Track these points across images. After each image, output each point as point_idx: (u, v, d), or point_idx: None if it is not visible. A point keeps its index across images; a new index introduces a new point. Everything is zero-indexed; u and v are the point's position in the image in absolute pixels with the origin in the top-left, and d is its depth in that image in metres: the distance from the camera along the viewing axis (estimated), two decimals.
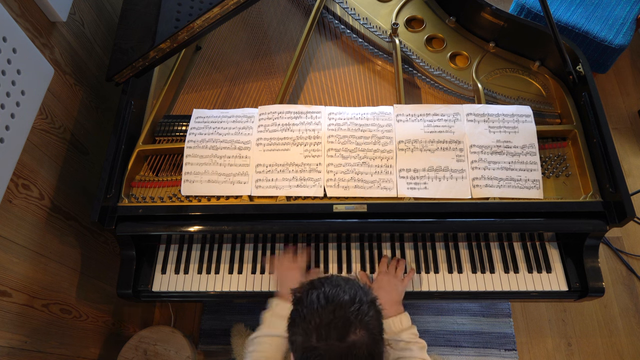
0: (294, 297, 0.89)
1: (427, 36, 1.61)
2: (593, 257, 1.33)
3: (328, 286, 0.85)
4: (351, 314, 0.80)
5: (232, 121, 1.40)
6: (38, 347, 1.31)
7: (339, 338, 0.79)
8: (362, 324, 0.81)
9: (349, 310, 0.81)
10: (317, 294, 0.84)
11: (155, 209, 1.32)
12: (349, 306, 0.81)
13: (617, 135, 2.45)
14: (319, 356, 0.80)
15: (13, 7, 1.16)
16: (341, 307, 0.81)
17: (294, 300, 0.89)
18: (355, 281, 0.89)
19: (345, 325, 0.79)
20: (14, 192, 1.19)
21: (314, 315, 0.82)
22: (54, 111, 1.35)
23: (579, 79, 1.41)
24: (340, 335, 0.79)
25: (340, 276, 0.90)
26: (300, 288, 0.90)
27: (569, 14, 2.12)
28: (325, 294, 0.83)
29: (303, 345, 0.82)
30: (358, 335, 0.80)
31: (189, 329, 2.08)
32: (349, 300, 0.82)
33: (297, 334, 0.84)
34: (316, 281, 0.89)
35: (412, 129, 1.37)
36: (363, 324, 0.81)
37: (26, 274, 1.25)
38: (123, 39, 1.43)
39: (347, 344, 0.79)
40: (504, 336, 2.01)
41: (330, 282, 0.87)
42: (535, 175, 1.32)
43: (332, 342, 0.79)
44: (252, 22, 1.68)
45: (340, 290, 0.84)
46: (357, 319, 0.80)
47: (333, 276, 0.89)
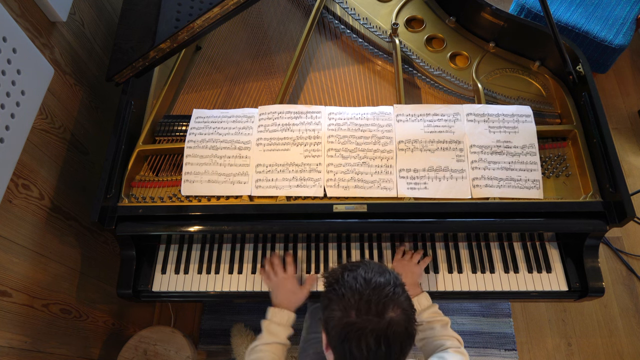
0: (327, 280, 0.93)
1: (427, 36, 1.61)
2: (593, 257, 1.33)
3: (363, 269, 0.89)
4: (387, 294, 0.85)
5: (232, 121, 1.40)
6: (38, 347, 1.31)
7: (378, 314, 0.83)
8: (398, 303, 0.85)
9: (385, 290, 0.85)
10: (354, 276, 0.88)
11: (155, 209, 1.32)
12: (385, 287, 0.85)
13: (617, 135, 2.45)
14: (359, 330, 0.82)
15: (13, 7, 1.16)
16: (378, 287, 0.85)
17: (329, 281, 0.92)
18: (385, 266, 0.93)
19: (384, 303, 0.83)
20: (14, 192, 1.19)
21: (353, 293, 0.85)
22: (54, 111, 1.35)
23: (579, 79, 1.41)
24: (379, 312, 0.83)
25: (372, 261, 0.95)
26: (332, 271, 0.93)
27: (569, 14, 2.12)
28: (362, 275, 0.87)
29: (342, 321, 0.85)
30: (396, 313, 0.84)
31: (189, 329, 2.08)
32: (385, 282, 0.86)
33: (335, 311, 0.86)
34: (349, 264, 0.93)
35: (412, 129, 1.37)
36: (399, 303, 0.85)
37: (26, 274, 1.25)
38: (123, 39, 1.43)
39: (386, 320, 0.83)
40: (504, 336, 2.01)
41: (365, 265, 0.91)
42: (535, 175, 1.32)
43: (372, 317, 0.83)
44: (252, 22, 1.68)
45: (375, 273, 0.88)
46: (394, 298, 0.85)
47: (365, 261, 0.93)
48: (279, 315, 1.24)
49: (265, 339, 1.21)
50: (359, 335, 0.82)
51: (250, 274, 1.40)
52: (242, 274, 1.40)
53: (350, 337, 0.83)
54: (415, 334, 0.88)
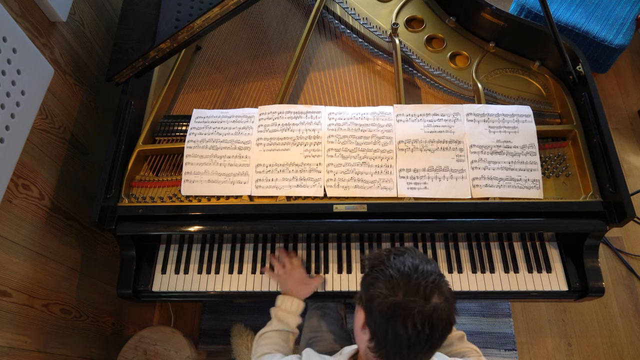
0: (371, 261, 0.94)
1: (427, 36, 1.61)
2: (593, 257, 1.33)
3: (409, 255, 0.91)
4: (434, 280, 0.87)
5: (232, 121, 1.40)
6: (38, 347, 1.31)
7: (425, 298, 0.84)
8: (442, 291, 0.87)
9: (431, 277, 0.87)
10: (402, 260, 0.90)
11: (155, 209, 1.32)
12: (431, 274, 0.88)
13: (617, 135, 2.45)
14: (406, 310, 0.84)
15: (13, 7, 1.16)
16: (425, 273, 0.87)
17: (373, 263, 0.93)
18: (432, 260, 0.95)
19: (430, 289, 0.85)
20: (14, 192, 1.19)
21: (401, 275, 0.87)
22: (54, 111, 1.35)
23: (579, 79, 1.41)
24: (426, 296, 0.84)
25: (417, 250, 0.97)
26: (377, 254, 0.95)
27: (569, 14, 2.12)
28: (410, 261, 0.89)
29: (388, 299, 0.86)
30: (440, 300, 0.85)
31: (189, 329, 2.08)
32: (431, 270, 0.89)
33: (382, 289, 0.87)
34: (394, 249, 0.95)
35: (412, 129, 1.37)
36: (443, 291, 0.87)
37: (26, 274, 1.25)
38: (123, 39, 1.43)
39: (432, 305, 0.84)
40: (504, 336, 2.01)
41: (411, 252, 0.93)
42: (535, 175, 1.32)
43: (419, 299, 0.84)
44: (252, 22, 1.68)
45: (422, 261, 0.90)
46: (439, 285, 0.87)
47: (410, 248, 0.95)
48: (288, 302, 1.25)
49: (274, 325, 1.23)
50: (406, 315, 0.84)
51: (250, 274, 1.40)
52: (242, 274, 1.40)
53: (397, 316, 0.84)
54: (455, 323, 0.90)
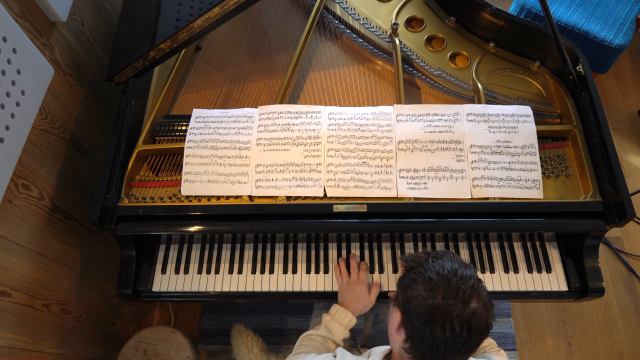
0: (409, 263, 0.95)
1: (427, 36, 1.61)
2: (593, 257, 1.33)
3: (448, 259, 0.92)
4: (473, 284, 0.88)
5: (232, 121, 1.40)
6: (38, 347, 1.31)
7: (463, 301, 0.85)
8: (480, 296, 0.88)
9: (470, 282, 0.88)
10: (441, 263, 0.91)
11: (155, 209, 1.32)
12: (470, 279, 0.89)
13: (617, 135, 2.45)
14: (445, 313, 0.85)
15: (13, 7, 1.16)
16: (464, 277, 0.88)
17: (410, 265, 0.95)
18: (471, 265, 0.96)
19: (469, 293, 0.86)
20: (14, 192, 1.19)
21: (441, 278, 0.88)
22: (54, 111, 1.35)
23: (579, 79, 1.41)
24: (465, 300, 0.85)
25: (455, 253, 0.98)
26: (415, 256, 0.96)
27: (569, 14, 2.12)
28: (449, 264, 0.90)
29: (427, 302, 0.87)
30: (478, 305, 0.86)
31: (189, 329, 2.08)
32: (470, 274, 0.90)
33: (420, 291, 0.88)
34: (433, 252, 0.96)
35: (412, 129, 1.37)
36: (482, 296, 0.88)
37: (26, 274, 1.25)
38: (123, 39, 1.43)
39: (470, 309, 0.85)
40: (504, 336, 2.01)
41: (449, 256, 0.94)
42: (535, 175, 1.32)
43: (458, 303, 0.85)
44: (252, 22, 1.68)
45: (460, 265, 0.91)
46: (478, 290, 0.88)
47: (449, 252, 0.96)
48: (342, 314, 1.24)
49: (322, 331, 1.23)
50: (445, 318, 0.84)
51: (250, 274, 1.40)
52: (242, 274, 1.40)
53: (435, 318, 0.85)
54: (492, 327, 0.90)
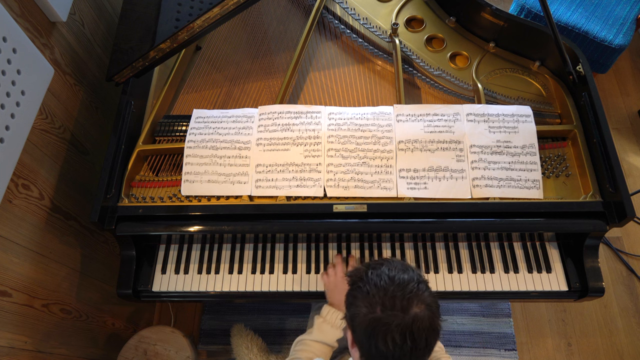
0: (352, 278, 0.94)
1: (427, 36, 1.61)
2: (593, 257, 1.33)
3: (386, 267, 0.91)
4: (411, 291, 0.86)
5: (232, 121, 1.40)
6: (38, 347, 1.31)
7: (402, 309, 0.84)
8: (422, 300, 0.86)
9: (409, 287, 0.87)
10: (378, 273, 0.90)
11: (155, 209, 1.32)
12: (408, 283, 0.87)
13: (617, 135, 2.45)
14: (385, 325, 0.84)
15: (13, 7, 1.16)
16: (402, 283, 0.87)
17: (353, 280, 0.94)
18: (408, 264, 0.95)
19: (408, 299, 0.85)
20: (14, 192, 1.19)
21: (378, 290, 0.87)
22: (54, 111, 1.35)
23: (579, 79, 1.41)
24: (403, 307, 0.84)
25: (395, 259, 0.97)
26: (356, 270, 0.95)
27: (569, 14, 2.12)
28: (386, 273, 0.89)
29: (368, 317, 0.86)
30: (420, 309, 0.85)
31: (189, 329, 2.08)
32: (408, 278, 0.88)
33: (361, 307, 0.88)
34: (373, 263, 0.94)
35: (412, 129, 1.37)
36: (423, 299, 0.86)
37: (26, 274, 1.25)
38: (123, 39, 1.43)
39: (411, 315, 0.84)
40: (504, 336, 2.01)
41: (388, 263, 0.93)
42: (535, 175, 1.32)
43: (397, 312, 0.84)
44: (252, 22, 1.68)
45: (398, 271, 0.90)
46: (417, 294, 0.86)
47: (388, 259, 0.96)
48: (333, 315, 1.23)
49: (315, 335, 1.21)
50: (385, 330, 0.84)
51: (250, 274, 1.40)
52: (242, 274, 1.40)
53: (377, 333, 0.84)
54: (440, 329, 0.89)
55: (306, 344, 1.20)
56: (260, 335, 1.75)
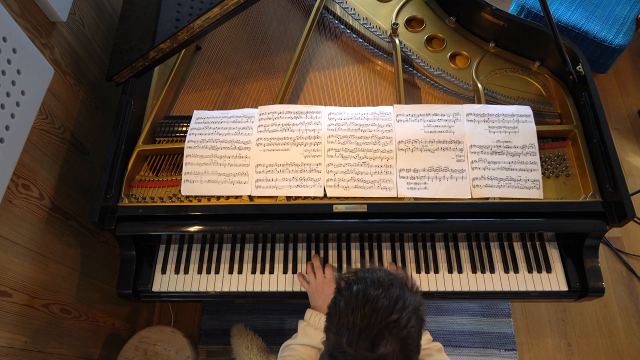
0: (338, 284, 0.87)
1: (427, 36, 1.61)
2: (593, 257, 1.33)
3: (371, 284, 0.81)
4: (387, 324, 0.77)
5: (232, 121, 1.40)
6: (38, 347, 1.31)
7: (368, 348, 0.76)
8: (396, 337, 0.77)
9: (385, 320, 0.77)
10: (358, 289, 0.81)
11: (155, 209, 1.32)
12: (386, 314, 0.77)
13: (617, 135, 2.45)
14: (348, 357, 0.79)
15: (13, 7, 1.16)
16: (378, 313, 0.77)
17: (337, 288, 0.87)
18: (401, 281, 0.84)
19: (377, 336, 0.76)
20: (14, 192, 1.19)
21: (349, 315, 0.79)
22: (54, 111, 1.35)
23: (579, 79, 1.41)
24: (370, 346, 0.76)
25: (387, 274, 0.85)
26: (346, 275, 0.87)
27: (569, 14, 2.12)
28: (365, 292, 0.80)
29: (334, 344, 0.81)
30: (388, 349, 0.76)
31: (189, 329, 2.08)
32: (387, 306, 0.78)
33: (331, 332, 0.82)
34: (361, 273, 0.85)
35: (412, 129, 1.37)
36: (397, 337, 0.77)
37: (26, 274, 1.25)
38: (123, 39, 1.43)
39: (376, 355, 0.76)
40: (504, 336, 2.01)
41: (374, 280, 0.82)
42: (535, 175, 1.32)
43: (361, 350, 0.77)
44: (252, 22, 1.68)
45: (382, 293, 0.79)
46: (392, 330, 0.77)
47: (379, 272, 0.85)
48: (316, 318, 1.23)
49: (300, 339, 1.21)
50: None
51: (250, 274, 1.40)
52: (242, 274, 1.40)
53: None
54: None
55: (292, 348, 1.19)
56: (260, 335, 1.75)
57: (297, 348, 1.19)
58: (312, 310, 1.26)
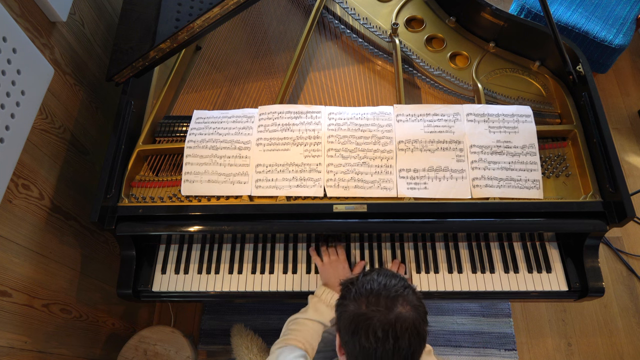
0: (344, 285, 0.95)
1: (427, 36, 1.61)
2: (593, 257, 1.33)
3: (376, 273, 0.93)
4: (397, 289, 0.88)
5: (232, 121, 1.40)
6: (38, 347, 1.31)
7: (387, 307, 0.86)
8: (407, 299, 0.87)
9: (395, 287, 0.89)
10: (369, 279, 0.92)
11: (155, 209, 1.32)
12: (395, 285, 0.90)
13: (617, 135, 2.45)
14: (367, 320, 0.85)
15: (13, 7, 1.17)
16: (389, 286, 0.89)
17: (345, 285, 0.95)
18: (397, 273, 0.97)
19: (393, 298, 0.87)
20: (14, 192, 1.19)
21: (365, 291, 0.89)
22: (54, 111, 1.35)
23: (579, 79, 1.41)
24: (388, 305, 0.86)
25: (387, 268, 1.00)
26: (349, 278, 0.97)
27: (569, 14, 2.12)
28: (375, 278, 0.91)
29: (353, 313, 0.88)
30: (405, 309, 0.86)
31: (189, 329, 2.08)
32: (395, 282, 0.90)
33: (348, 306, 0.89)
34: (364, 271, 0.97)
35: (412, 129, 1.37)
36: (408, 299, 0.88)
37: (26, 274, 1.25)
38: (123, 39, 1.43)
39: (395, 313, 0.85)
40: (504, 336, 2.01)
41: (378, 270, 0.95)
42: (535, 175, 1.32)
43: (381, 309, 0.86)
44: (252, 22, 1.68)
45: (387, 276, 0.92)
46: (403, 294, 0.88)
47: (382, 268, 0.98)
48: (328, 295, 1.25)
49: (309, 314, 1.22)
50: (367, 325, 0.85)
51: (250, 274, 1.40)
52: (242, 274, 1.40)
53: (359, 328, 0.85)
54: (425, 335, 0.89)
55: (301, 322, 1.21)
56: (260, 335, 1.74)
57: (306, 323, 1.20)
58: (325, 287, 1.27)
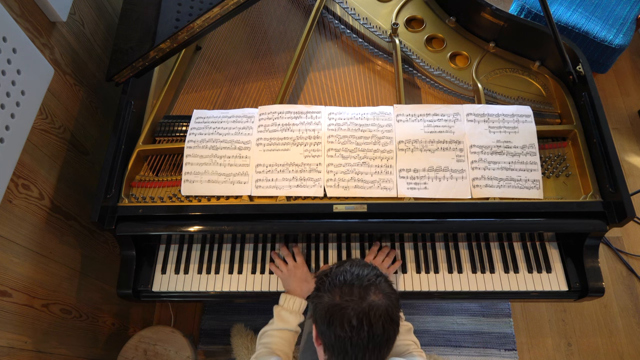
0: (318, 278, 0.98)
1: (427, 36, 1.61)
2: (593, 257, 1.33)
3: (348, 264, 0.97)
4: (370, 279, 0.92)
5: (232, 121, 1.40)
6: (38, 347, 1.31)
7: (360, 296, 0.89)
8: (380, 288, 0.91)
9: (367, 277, 0.93)
10: (341, 270, 0.95)
11: (155, 209, 1.32)
12: (367, 275, 0.93)
13: (617, 135, 2.45)
14: (342, 310, 0.88)
15: (13, 7, 1.17)
16: (361, 276, 0.93)
17: (319, 278, 0.98)
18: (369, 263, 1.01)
19: (365, 287, 0.90)
20: (14, 192, 1.19)
21: (338, 282, 0.93)
22: (54, 111, 1.35)
23: (579, 79, 1.41)
24: (361, 295, 0.90)
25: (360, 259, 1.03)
26: (322, 271, 1.00)
27: (569, 14, 2.12)
28: (347, 269, 0.95)
29: (328, 304, 0.91)
30: (378, 297, 0.90)
31: (189, 329, 2.08)
32: (367, 272, 0.94)
33: (323, 298, 0.93)
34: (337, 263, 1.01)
35: (412, 129, 1.37)
36: (380, 288, 0.92)
37: (26, 274, 1.25)
38: (123, 39, 1.43)
39: (368, 302, 0.89)
40: (504, 336, 2.01)
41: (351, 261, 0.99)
42: (535, 176, 1.32)
43: (354, 299, 0.89)
44: (252, 22, 1.68)
45: (360, 267, 0.96)
46: (375, 283, 0.92)
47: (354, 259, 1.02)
48: (290, 302, 1.26)
49: (276, 324, 1.24)
50: (342, 314, 0.88)
51: (250, 274, 1.40)
52: (242, 274, 1.40)
53: (334, 318, 0.88)
54: (398, 320, 0.92)
55: (270, 334, 1.23)
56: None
57: (274, 334, 1.23)
58: (287, 295, 1.28)
